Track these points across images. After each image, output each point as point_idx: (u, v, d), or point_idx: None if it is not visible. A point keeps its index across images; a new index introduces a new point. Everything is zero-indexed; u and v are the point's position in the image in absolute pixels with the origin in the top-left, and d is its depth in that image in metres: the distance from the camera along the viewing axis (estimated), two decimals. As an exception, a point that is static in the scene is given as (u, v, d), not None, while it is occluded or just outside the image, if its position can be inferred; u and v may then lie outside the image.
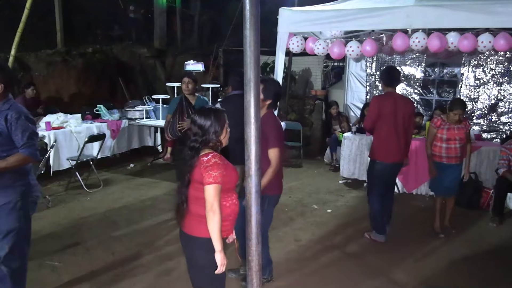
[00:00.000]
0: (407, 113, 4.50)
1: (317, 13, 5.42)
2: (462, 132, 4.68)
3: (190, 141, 2.53)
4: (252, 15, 1.70)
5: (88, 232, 4.85)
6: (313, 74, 10.71)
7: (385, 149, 4.49)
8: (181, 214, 2.59)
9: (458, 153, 4.70)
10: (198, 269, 2.60)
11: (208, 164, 2.42)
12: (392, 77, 4.56)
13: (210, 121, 2.49)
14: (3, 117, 2.84)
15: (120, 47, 12.12)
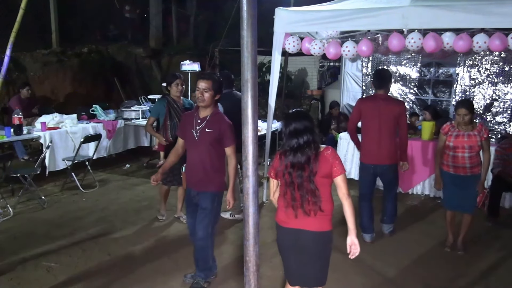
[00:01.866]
0: (392, 116, 4.50)
1: (313, 13, 5.42)
2: (474, 140, 4.17)
3: (305, 139, 2.58)
4: (249, 15, 1.70)
5: (84, 232, 4.84)
6: (309, 74, 10.73)
7: (365, 150, 4.69)
8: (295, 208, 2.63)
9: (467, 163, 4.21)
10: (325, 261, 2.78)
11: (335, 155, 2.66)
12: (379, 79, 4.62)
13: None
14: None
15: (115, 47, 12.12)
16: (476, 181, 4.28)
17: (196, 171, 3.46)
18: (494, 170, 5.31)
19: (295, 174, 2.60)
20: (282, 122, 2.73)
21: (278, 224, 2.76)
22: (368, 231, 4.71)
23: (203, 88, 3.39)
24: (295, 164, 2.60)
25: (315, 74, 10.66)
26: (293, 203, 2.62)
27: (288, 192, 2.64)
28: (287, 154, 2.63)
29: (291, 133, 2.61)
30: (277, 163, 2.69)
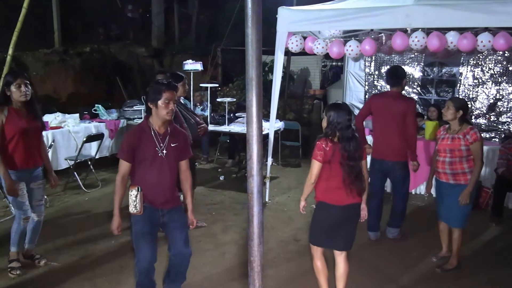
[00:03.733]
0: (399, 113, 4.50)
1: (316, 12, 5.40)
2: (457, 143, 3.83)
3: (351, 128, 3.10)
4: (254, 13, 1.68)
5: (87, 232, 4.83)
6: (312, 74, 10.72)
7: (374, 145, 4.77)
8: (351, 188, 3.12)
9: (446, 169, 3.92)
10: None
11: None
12: (391, 77, 4.63)
13: None
14: None
15: (117, 47, 12.10)
16: (458, 193, 3.86)
17: (161, 191, 3.07)
18: (498, 170, 5.28)
19: (352, 160, 3.08)
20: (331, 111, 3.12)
21: (329, 204, 3.16)
22: (373, 229, 4.71)
23: (171, 99, 2.97)
24: (352, 151, 3.07)
25: (317, 73, 10.65)
26: (350, 184, 3.09)
27: (345, 175, 3.08)
28: (342, 142, 3.06)
29: (346, 124, 3.07)
30: (330, 151, 3.05)
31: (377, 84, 8.06)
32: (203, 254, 4.30)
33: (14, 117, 3.60)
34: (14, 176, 3.64)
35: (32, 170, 3.79)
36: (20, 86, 3.57)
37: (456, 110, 3.83)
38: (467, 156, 3.84)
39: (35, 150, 3.79)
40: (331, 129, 3.08)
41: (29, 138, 3.70)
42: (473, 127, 3.87)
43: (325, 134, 3.11)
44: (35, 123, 3.74)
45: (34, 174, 3.82)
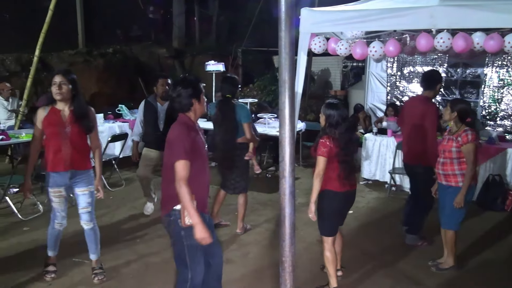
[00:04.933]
0: (420, 117, 4.49)
1: (339, 13, 5.38)
2: (449, 145, 3.85)
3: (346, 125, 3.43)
4: (287, 16, 1.70)
5: (112, 231, 4.91)
6: (332, 75, 10.67)
7: (403, 149, 4.86)
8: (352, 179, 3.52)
9: (439, 169, 3.95)
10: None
11: None
12: (424, 80, 4.70)
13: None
14: None
15: (139, 48, 12.27)
16: (452, 195, 3.83)
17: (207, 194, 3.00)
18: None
19: (348, 155, 3.42)
20: (330, 110, 3.39)
21: (334, 191, 3.43)
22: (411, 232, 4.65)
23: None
24: (349, 145, 3.43)
25: (338, 74, 10.61)
26: (344, 178, 3.40)
27: (342, 170, 3.38)
28: (341, 137, 3.35)
29: (343, 120, 3.37)
30: (334, 146, 3.33)
31: (399, 85, 8.00)
32: (227, 254, 4.33)
33: (51, 117, 3.50)
34: (50, 178, 3.56)
35: (67, 174, 3.57)
36: (55, 84, 3.44)
37: (452, 111, 3.85)
38: (458, 158, 3.81)
39: (70, 154, 3.53)
40: (331, 127, 3.38)
41: (63, 140, 3.50)
42: (468, 129, 3.79)
43: (327, 132, 3.39)
44: (74, 126, 3.52)
45: (74, 179, 3.62)
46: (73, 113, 3.52)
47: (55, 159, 3.53)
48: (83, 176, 3.64)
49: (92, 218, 3.76)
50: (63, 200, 3.65)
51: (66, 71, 3.54)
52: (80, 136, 3.58)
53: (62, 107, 3.52)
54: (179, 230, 2.76)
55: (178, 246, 2.83)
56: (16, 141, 6.20)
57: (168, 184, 2.75)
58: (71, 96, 3.52)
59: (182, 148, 2.66)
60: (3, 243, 4.56)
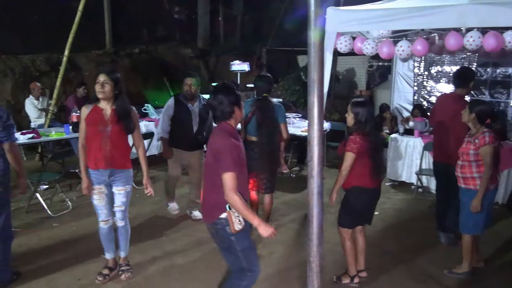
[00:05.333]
0: (453, 115, 4.38)
1: (366, 12, 5.33)
2: (467, 147, 3.77)
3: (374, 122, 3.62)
4: (316, 15, 1.70)
5: (138, 228, 4.99)
6: (357, 74, 10.57)
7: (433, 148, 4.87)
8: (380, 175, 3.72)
9: (458, 172, 3.87)
10: None
11: None
12: (456, 77, 4.69)
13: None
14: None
15: (165, 48, 12.41)
16: (470, 198, 3.74)
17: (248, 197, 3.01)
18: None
19: (378, 151, 3.64)
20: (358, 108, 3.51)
21: (363, 187, 3.55)
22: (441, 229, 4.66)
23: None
24: (378, 141, 3.64)
25: (363, 74, 10.50)
26: (376, 172, 3.55)
27: (373, 164, 3.51)
28: (371, 133, 3.49)
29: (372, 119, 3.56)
30: (364, 142, 3.44)
31: (427, 85, 7.87)
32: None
33: (93, 115, 3.54)
34: (91, 176, 3.61)
35: (106, 172, 3.61)
36: (98, 83, 3.48)
37: (470, 112, 3.78)
38: (476, 160, 3.71)
39: (110, 152, 3.56)
40: (360, 123, 3.49)
41: (103, 139, 3.52)
42: (486, 130, 3.67)
43: (356, 129, 3.49)
44: (114, 125, 3.54)
45: (113, 177, 3.65)
46: (115, 112, 3.55)
47: (96, 158, 3.56)
48: (121, 175, 3.68)
49: (125, 217, 3.81)
50: (104, 197, 3.66)
51: (110, 71, 3.60)
52: (120, 135, 3.60)
53: (104, 106, 3.56)
54: (228, 237, 2.75)
55: (231, 252, 2.83)
56: (46, 139, 6.36)
57: (212, 191, 2.77)
58: (113, 95, 3.55)
59: (231, 160, 2.64)
60: (34, 238, 4.68)
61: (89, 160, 3.60)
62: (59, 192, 5.84)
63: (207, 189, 2.83)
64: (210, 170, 2.77)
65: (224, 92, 2.77)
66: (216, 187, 2.70)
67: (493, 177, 3.73)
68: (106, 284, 3.76)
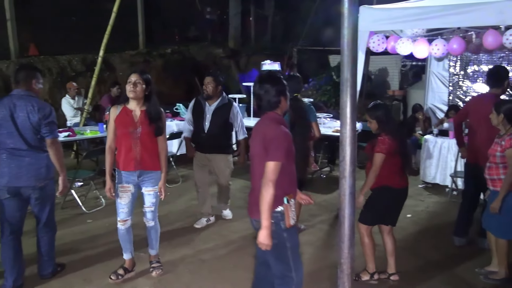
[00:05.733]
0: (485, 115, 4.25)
1: (400, 10, 5.23)
2: (495, 148, 3.70)
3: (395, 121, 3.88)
4: (350, 14, 1.67)
5: (170, 225, 5.06)
6: (390, 74, 10.38)
7: (467, 149, 4.72)
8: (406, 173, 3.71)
9: (486, 174, 3.77)
10: None
11: None
12: (490, 77, 4.53)
13: None
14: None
15: (196, 48, 12.53)
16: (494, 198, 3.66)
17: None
18: None
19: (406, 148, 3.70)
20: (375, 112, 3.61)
21: (392, 187, 3.59)
22: (459, 234, 4.56)
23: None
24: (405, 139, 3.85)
25: (396, 73, 10.30)
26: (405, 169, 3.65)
27: (404, 162, 3.60)
28: (398, 131, 3.64)
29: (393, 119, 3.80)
30: (393, 142, 3.50)
31: (462, 85, 7.66)
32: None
33: (122, 117, 3.55)
34: (119, 176, 3.64)
35: (136, 173, 3.62)
36: (130, 83, 3.48)
37: (498, 114, 3.70)
38: (502, 162, 3.62)
39: (140, 154, 3.56)
40: (384, 124, 3.56)
41: (133, 140, 3.54)
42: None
43: (383, 130, 3.55)
44: (144, 127, 3.54)
45: (142, 178, 3.65)
46: (145, 114, 3.54)
47: (126, 159, 3.57)
48: (150, 176, 3.66)
49: (155, 217, 3.81)
50: (129, 196, 3.66)
51: (142, 71, 3.58)
52: (150, 137, 3.58)
53: (134, 107, 3.55)
54: (281, 232, 2.63)
55: (279, 248, 2.67)
56: (81, 137, 6.53)
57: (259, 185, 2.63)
58: (144, 96, 3.55)
59: (283, 150, 2.54)
60: (68, 233, 4.80)
61: (118, 161, 3.61)
62: (93, 189, 5.98)
63: (257, 182, 2.63)
64: (259, 162, 2.62)
65: (271, 82, 2.67)
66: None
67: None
68: (137, 280, 3.82)
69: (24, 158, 3.47)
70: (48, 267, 3.80)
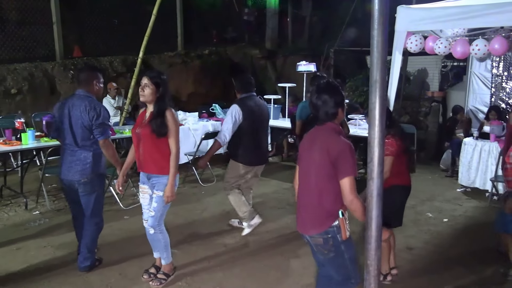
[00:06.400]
0: None
1: (439, 10, 5.13)
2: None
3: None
4: (380, 14, 1.67)
5: (203, 224, 5.15)
6: (430, 75, 10.13)
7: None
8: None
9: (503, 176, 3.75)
10: None
11: None
12: None
13: None
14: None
15: (233, 49, 12.61)
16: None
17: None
18: None
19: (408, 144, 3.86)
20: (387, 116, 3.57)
21: (403, 186, 3.68)
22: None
23: None
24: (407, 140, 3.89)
25: (436, 74, 10.04)
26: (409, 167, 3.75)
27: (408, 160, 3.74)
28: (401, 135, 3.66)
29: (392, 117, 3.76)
30: (399, 142, 3.58)
31: (506, 86, 7.39)
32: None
33: (139, 117, 3.62)
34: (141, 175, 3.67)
35: (145, 175, 3.61)
36: (140, 85, 3.47)
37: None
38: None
39: (142, 155, 3.53)
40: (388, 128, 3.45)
41: (140, 142, 3.52)
42: None
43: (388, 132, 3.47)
44: (145, 128, 3.46)
45: (152, 181, 3.58)
46: (151, 115, 3.46)
47: (137, 160, 3.62)
48: (157, 180, 3.53)
49: (155, 225, 3.61)
50: (148, 197, 3.65)
51: (152, 73, 3.52)
52: (151, 139, 3.44)
53: (151, 108, 3.49)
54: (339, 245, 2.60)
55: (339, 260, 2.65)
56: (120, 136, 6.73)
57: (320, 199, 2.57)
58: (156, 99, 3.45)
59: (353, 163, 2.50)
60: (107, 229, 4.93)
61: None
62: (130, 186, 6.16)
63: (312, 195, 2.60)
64: (318, 173, 2.57)
65: (330, 92, 2.59)
66: (327, 193, 2.55)
67: None
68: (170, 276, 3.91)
69: (74, 153, 3.77)
70: (87, 260, 3.95)
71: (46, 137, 5.79)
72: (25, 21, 8.91)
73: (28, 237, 4.68)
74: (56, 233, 4.79)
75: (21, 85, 8.09)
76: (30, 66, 8.39)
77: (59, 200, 5.87)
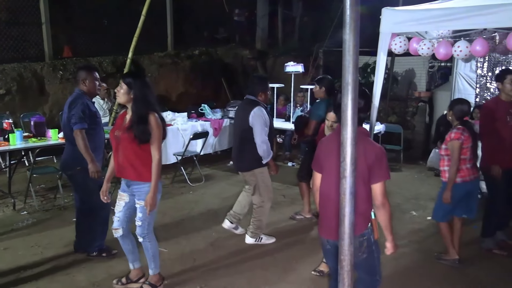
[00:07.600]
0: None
1: (423, 12, 5.19)
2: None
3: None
4: (352, 19, 1.73)
5: (191, 223, 5.20)
6: (417, 75, 10.25)
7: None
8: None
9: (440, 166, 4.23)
10: None
11: None
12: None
13: None
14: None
15: (224, 49, 12.66)
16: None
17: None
18: None
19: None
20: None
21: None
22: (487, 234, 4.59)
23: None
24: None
25: (423, 75, 10.16)
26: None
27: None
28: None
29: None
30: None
31: (490, 87, 7.51)
32: (317, 257, 4.38)
33: (118, 119, 3.48)
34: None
35: (124, 181, 3.44)
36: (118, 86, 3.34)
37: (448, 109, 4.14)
38: (446, 154, 4.02)
39: (120, 161, 3.36)
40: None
41: (118, 147, 3.36)
42: (460, 128, 3.93)
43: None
44: (124, 133, 3.28)
45: (131, 188, 3.39)
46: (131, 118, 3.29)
47: (116, 165, 3.43)
48: (138, 188, 3.34)
49: (144, 233, 3.44)
50: (122, 204, 3.45)
51: (125, 74, 3.51)
52: (131, 144, 3.25)
53: (130, 111, 3.32)
54: (371, 245, 2.67)
55: (370, 260, 2.70)
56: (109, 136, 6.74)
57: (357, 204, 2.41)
58: (130, 99, 3.29)
59: (388, 167, 2.56)
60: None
61: None
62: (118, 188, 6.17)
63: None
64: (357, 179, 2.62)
65: (363, 96, 2.57)
66: (362, 197, 2.53)
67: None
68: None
69: (65, 148, 4.17)
70: (86, 245, 4.25)
71: (34, 137, 5.81)
72: (14, 21, 8.88)
73: (16, 237, 4.71)
74: (44, 233, 4.82)
75: (10, 86, 8.08)
76: (19, 67, 8.38)
77: (47, 200, 5.89)
